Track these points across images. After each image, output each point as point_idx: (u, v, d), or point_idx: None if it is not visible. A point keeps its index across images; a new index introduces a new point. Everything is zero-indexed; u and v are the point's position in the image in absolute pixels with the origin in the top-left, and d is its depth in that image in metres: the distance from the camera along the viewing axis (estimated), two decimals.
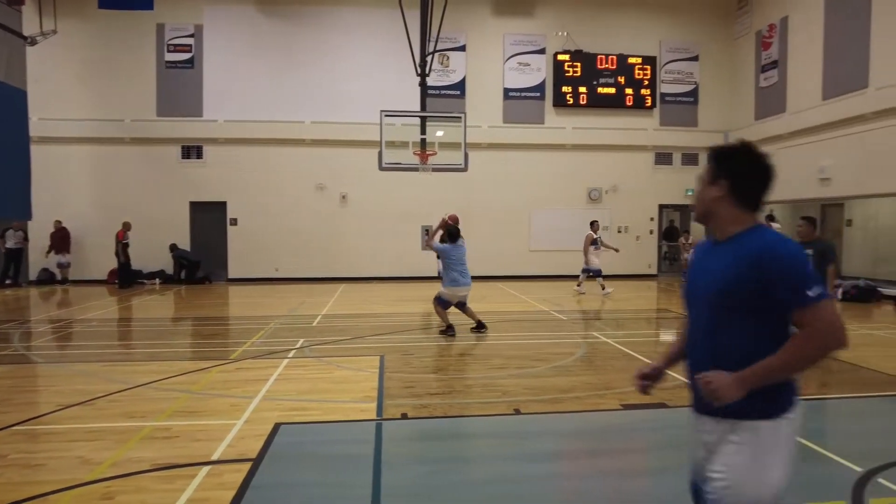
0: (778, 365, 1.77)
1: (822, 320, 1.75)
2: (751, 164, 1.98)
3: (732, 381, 1.77)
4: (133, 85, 16.57)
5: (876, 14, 13.15)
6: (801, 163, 15.33)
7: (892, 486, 3.56)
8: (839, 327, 1.77)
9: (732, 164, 2.00)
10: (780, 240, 1.88)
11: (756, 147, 2.01)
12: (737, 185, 1.97)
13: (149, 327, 9.90)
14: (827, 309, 1.76)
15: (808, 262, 1.83)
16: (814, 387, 5.88)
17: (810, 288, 1.76)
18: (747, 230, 1.94)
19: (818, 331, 1.75)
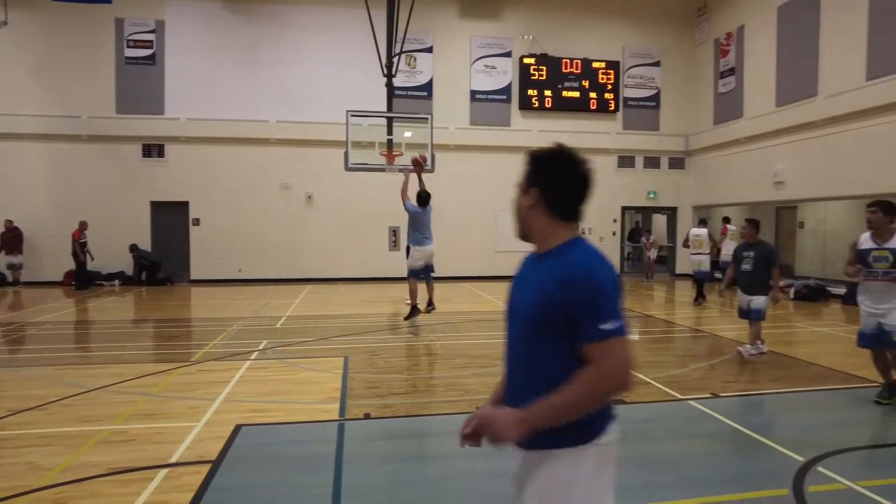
0: (559, 403, 1.58)
1: (610, 358, 1.56)
2: (563, 170, 1.76)
3: (512, 420, 1.61)
4: (90, 81, 16.11)
5: (824, 26, 13.74)
6: (757, 166, 15.90)
7: (830, 474, 3.75)
8: (625, 368, 1.58)
9: (544, 170, 1.78)
10: (590, 262, 1.66)
11: (571, 151, 1.79)
12: (549, 193, 1.75)
13: (107, 330, 9.65)
14: (618, 346, 1.57)
15: (615, 292, 1.61)
16: (764, 381, 6.12)
17: (606, 320, 1.56)
18: (565, 244, 1.73)
19: (603, 369, 1.56)
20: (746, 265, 7.14)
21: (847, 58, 13.07)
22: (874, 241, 5.14)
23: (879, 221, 5.09)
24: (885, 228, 5.10)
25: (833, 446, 4.21)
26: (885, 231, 5.10)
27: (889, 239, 5.07)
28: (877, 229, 5.13)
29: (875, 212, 5.10)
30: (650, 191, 19.14)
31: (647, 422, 4.98)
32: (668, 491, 3.56)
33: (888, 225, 5.09)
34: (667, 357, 7.43)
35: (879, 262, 5.07)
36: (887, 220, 5.08)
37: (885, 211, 5.09)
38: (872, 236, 5.16)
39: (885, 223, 5.08)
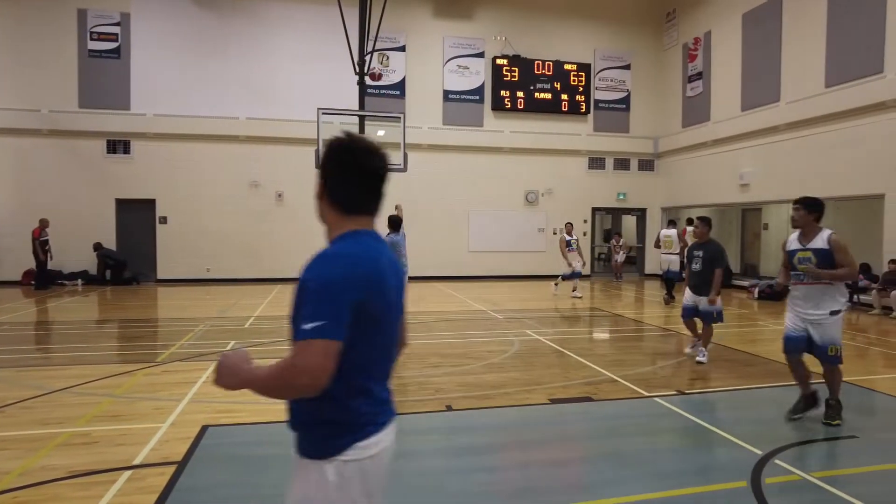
0: (257, 378, 1.52)
1: (299, 358, 1.46)
2: (344, 160, 1.67)
3: (231, 369, 1.54)
4: (51, 73, 15.64)
5: (786, 35, 14.18)
6: (724, 169, 16.31)
7: (786, 466, 3.88)
8: (309, 372, 1.46)
9: (327, 159, 1.70)
10: (325, 257, 1.58)
11: (355, 141, 1.69)
12: (330, 183, 1.68)
13: (69, 330, 9.38)
14: (310, 348, 1.46)
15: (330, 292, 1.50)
16: (728, 379, 6.29)
17: (308, 321, 1.47)
18: (339, 237, 1.67)
19: (289, 366, 1.47)
20: (696, 265, 7.02)
21: (807, 66, 13.51)
22: (799, 242, 4.75)
23: (803, 220, 4.70)
24: (810, 227, 4.70)
25: (789, 440, 4.36)
26: (810, 230, 4.71)
27: (813, 238, 4.66)
28: (801, 228, 4.75)
29: (798, 209, 4.71)
30: (620, 192, 19.45)
31: (615, 419, 5.07)
32: (632, 485, 3.64)
33: (813, 223, 4.70)
34: (635, 355, 7.57)
35: (803, 263, 4.63)
36: (811, 217, 4.68)
37: (808, 208, 4.68)
38: (799, 236, 4.78)
39: (809, 221, 4.69)
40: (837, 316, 4.64)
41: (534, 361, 7.01)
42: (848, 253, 4.52)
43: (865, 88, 12.03)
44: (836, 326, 4.64)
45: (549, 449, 4.39)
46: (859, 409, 5.54)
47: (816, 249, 4.61)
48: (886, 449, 4.30)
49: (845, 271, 4.53)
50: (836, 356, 4.67)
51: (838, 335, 4.66)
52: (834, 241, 4.56)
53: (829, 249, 4.55)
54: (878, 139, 11.78)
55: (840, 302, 4.66)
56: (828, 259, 4.55)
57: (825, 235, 4.62)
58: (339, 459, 1.58)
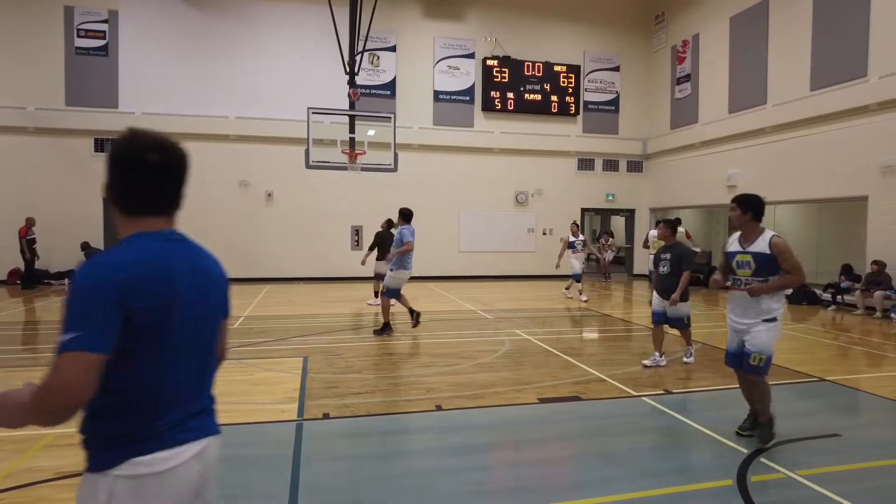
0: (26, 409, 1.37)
1: (53, 374, 1.34)
2: (117, 157, 1.53)
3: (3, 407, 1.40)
4: (38, 70, 15.46)
5: (772, 38, 14.35)
6: (711, 170, 16.46)
7: (772, 465, 3.94)
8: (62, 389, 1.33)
9: (108, 158, 1.55)
10: (85, 265, 1.44)
11: (134, 135, 1.55)
12: (110, 183, 1.55)
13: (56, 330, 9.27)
14: (63, 362, 1.34)
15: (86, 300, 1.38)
16: (715, 378, 6.36)
17: (64, 332, 1.36)
18: (118, 243, 1.53)
19: (44, 390, 1.34)
20: (663, 268, 6.77)
21: (793, 69, 13.68)
22: (739, 244, 4.34)
23: (739, 220, 4.27)
24: (750, 228, 4.27)
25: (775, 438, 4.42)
26: (749, 231, 4.28)
27: (754, 241, 4.24)
28: (740, 229, 4.34)
29: (733, 208, 4.30)
30: (609, 193, 19.57)
31: (603, 418, 5.12)
32: (620, 483, 3.68)
33: (751, 223, 4.26)
34: (623, 355, 7.63)
35: (742, 268, 4.25)
36: (747, 217, 4.24)
37: (743, 206, 4.24)
38: (739, 238, 4.38)
39: (746, 221, 4.26)
40: (771, 324, 4.17)
41: (523, 361, 7.05)
42: (792, 256, 4.12)
43: (849, 92, 12.20)
44: (768, 334, 4.17)
45: (538, 448, 4.42)
46: (843, 407, 5.63)
47: (756, 253, 4.18)
48: (869, 447, 4.37)
49: (790, 278, 4.14)
50: (758, 366, 4.17)
51: (768, 345, 4.18)
52: (776, 243, 4.14)
53: (771, 253, 4.13)
54: (862, 142, 11.96)
55: (775, 309, 4.18)
56: (769, 264, 4.14)
57: (767, 238, 4.19)
58: (111, 474, 1.45)
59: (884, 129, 11.55)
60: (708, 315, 11.40)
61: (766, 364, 4.20)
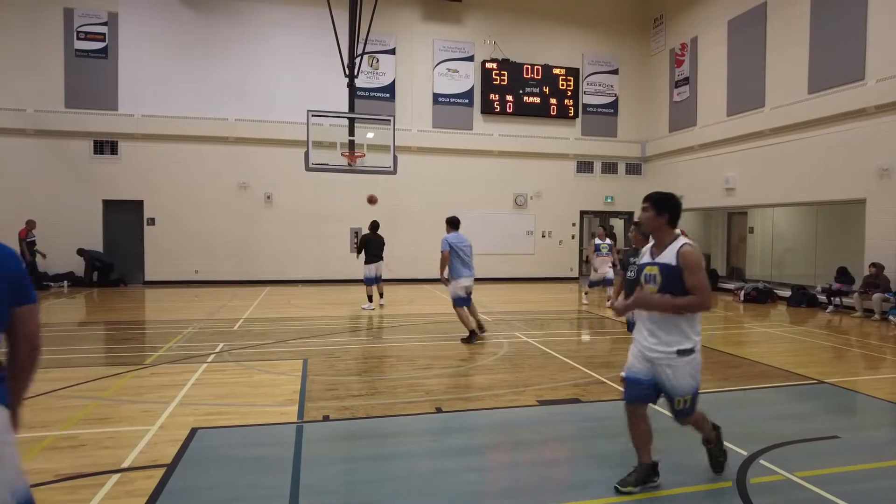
0: None
1: None
2: None
3: None
4: (37, 73, 15.47)
5: (770, 42, 14.40)
6: (710, 173, 16.50)
7: (771, 467, 3.95)
8: None
9: None
10: None
11: None
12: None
13: (54, 332, 9.27)
14: None
15: None
16: (713, 380, 6.37)
17: None
18: None
19: None
20: (632, 273, 6.54)
21: (791, 72, 13.73)
22: (651, 253, 3.55)
23: (651, 223, 3.48)
24: (663, 233, 3.47)
25: (774, 440, 4.43)
26: (662, 237, 3.48)
27: (665, 249, 3.43)
28: (652, 234, 3.54)
29: (645, 208, 3.51)
30: (608, 196, 19.61)
31: (601, 420, 5.12)
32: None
33: (665, 227, 3.46)
34: (622, 357, 7.58)
35: (649, 282, 3.45)
36: (662, 220, 3.44)
37: (657, 206, 3.45)
38: (653, 248, 3.57)
39: (660, 225, 3.46)
40: (688, 357, 3.39)
41: (522, 363, 7.06)
42: (700, 273, 3.30)
43: (847, 95, 12.24)
44: (687, 370, 3.41)
45: (537, 450, 4.43)
46: (841, 409, 5.65)
47: (664, 265, 3.37)
48: (868, 449, 4.38)
49: (690, 300, 3.28)
50: (684, 409, 3.51)
51: (691, 382, 3.44)
52: (685, 254, 3.32)
53: (678, 265, 3.31)
54: (860, 145, 12.00)
55: (691, 339, 3.40)
56: (676, 279, 3.32)
57: (677, 246, 3.37)
58: None
59: (881, 132, 11.59)
60: (705, 317, 11.42)
61: (693, 403, 3.51)
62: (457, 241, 8.52)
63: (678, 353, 3.38)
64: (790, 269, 15.15)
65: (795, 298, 13.24)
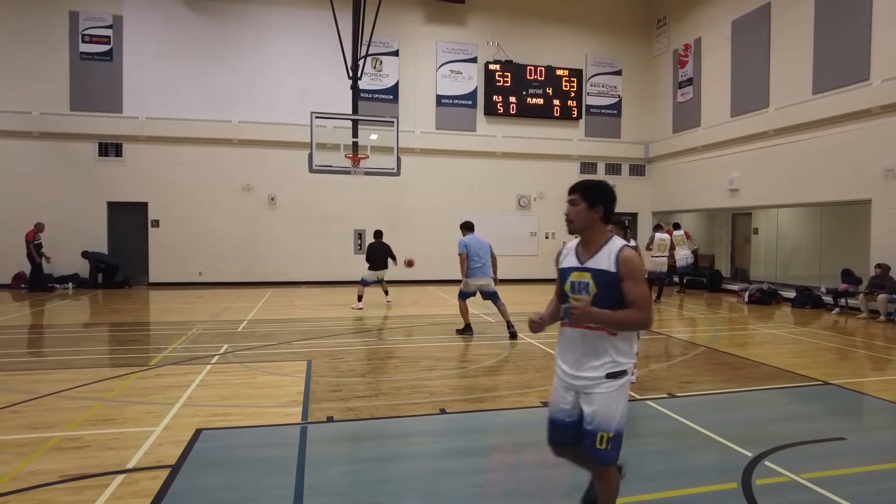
0: None
1: None
2: None
3: None
4: (42, 76, 15.56)
5: (774, 42, 14.37)
6: (713, 174, 16.46)
7: (777, 468, 3.93)
8: None
9: None
10: None
11: None
12: None
13: (60, 334, 9.32)
14: None
15: None
16: (718, 382, 6.35)
17: None
18: None
19: None
20: None
21: (795, 72, 13.69)
22: (577, 256, 2.82)
23: (581, 218, 2.76)
24: (594, 231, 2.76)
25: (780, 441, 4.41)
26: (593, 236, 2.77)
27: (597, 252, 2.74)
28: (579, 231, 2.80)
29: (573, 200, 2.79)
30: None
31: None
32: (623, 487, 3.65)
33: (597, 223, 2.75)
34: None
35: (578, 291, 2.74)
36: (594, 214, 2.74)
37: (587, 195, 2.75)
38: (577, 246, 2.86)
39: (591, 220, 2.74)
40: (619, 381, 2.71)
41: (526, 365, 7.05)
42: (641, 282, 2.68)
43: (852, 95, 12.20)
44: (615, 398, 2.71)
45: (541, 451, 4.39)
46: (847, 411, 5.62)
47: (598, 271, 2.69)
48: (874, 450, 4.36)
49: (629, 315, 2.63)
50: (606, 450, 2.71)
51: (616, 415, 2.71)
52: (627, 259, 2.66)
53: (617, 273, 2.65)
54: (865, 145, 11.95)
55: (625, 361, 2.73)
56: (613, 289, 2.66)
57: (615, 249, 2.70)
58: None
59: (886, 133, 11.54)
60: (710, 318, 11.39)
61: (616, 445, 2.73)
62: (473, 243, 8.94)
63: (608, 377, 2.70)
64: (795, 270, 15.10)
65: (800, 300, 13.18)
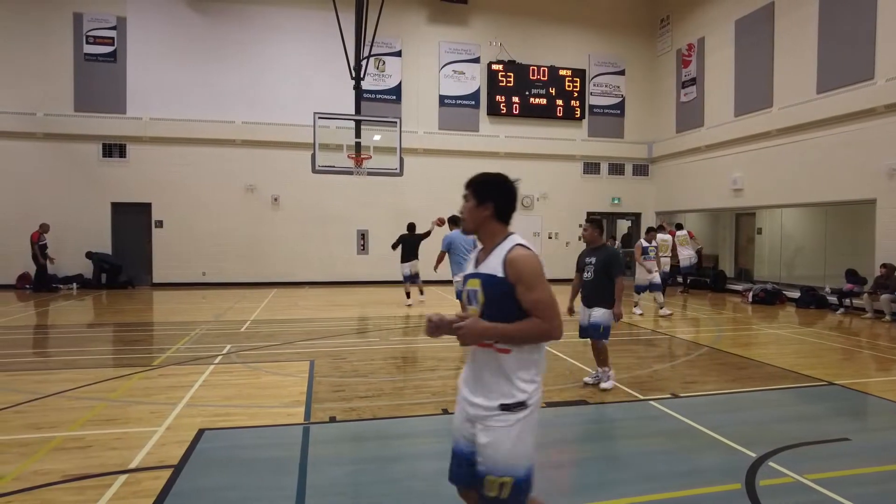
0: None
1: None
2: None
3: None
4: (47, 77, 15.61)
5: (778, 41, 14.31)
6: (717, 174, 16.42)
7: (781, 469, 3.91)
8: None
9: None
10: None
11: None
12: None
13: (63, 334, 9.35)
14: None
15: None
16: (722, 382, 6.32)
17: None
18: None
19: None
20: (588, 273, 5.98)
21: (799, 72, 13.64)
22: (476, 259, 2.43)
23: (474, 216, 2.37)
24: (486, 231, 2.36)
25: (784, 442, 4.39)
26: (486, 238, 2.38)
27: (490, 254, 2.32)
28: (473, 230, 2.40)
29: (466, 196, 2.41)
30: (614, 197, 19.54)
31: (609, 422, 5.10)
32: (626, 487, 3.66)
33: (491, 224, 2.36)
34: (628, 359, 7.60)
35: (471, 303, 2.37)
36: (484, 211, 2.35)
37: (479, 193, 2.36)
38: (479, 252, 2.45)
39: (485, 219, 2.35)
40: (517, 415, 2.23)
41: None
42: (539, 287, 2.20)
43: (856, 94, 12.14)
44: (510, 437, 2.24)
45: (544, 452, 4.38)
46: (851, 411, 5.59)
47: (487, 276, 2.26)
48: (878, 451, 4.34)
49: (529, 326, 2.18)
50: (498, 500, 2.26)
51: (511, 457, 2.24)
52: (515, 260, 2.22)
53: (505, 278, 2.21)
54: (869, 145, 11.89)
55: (524, 388, 2.25)
56: (504, 297, 2.22)
57: (505, 249, 2.28)
58: None
59: (891, 132, 11.48)
60: (713, 319, 11.35)
61: (515, 496, 2.26)
62: (457, 238, 8.67)
63: (502, 408, 2.23)
64: (799, 270, 15.03)
65: (804, 300, 13.13)
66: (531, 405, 2.28)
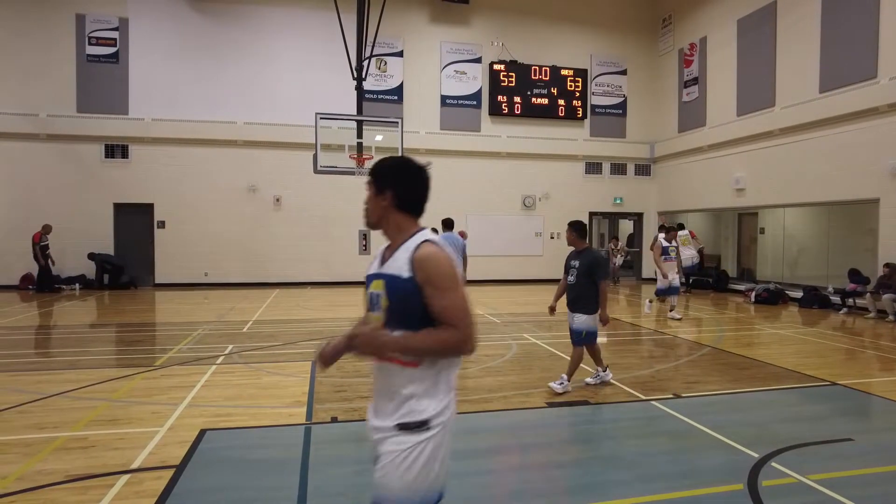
0: None
1: None
2: None
3: None
4: (49, 78, 15.65)
5: (780, 41, 14.28)
6: (719, 174, 16.39)
7: (783, 469, 3.90)
8: None
9: None
10: None
11: None
12: None
13: (66, 334, 9.36)
14: None
15: None
16: (724, 382, 6.31)
17: None
18: None
19: None
20: (571, 277, 5.89)
21: (801, 71, 13.61)
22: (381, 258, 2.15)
23: (372, 208, 2.13)
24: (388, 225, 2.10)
25: (786, 442, 4.38)
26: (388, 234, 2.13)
27: (395, 251, 2.04)
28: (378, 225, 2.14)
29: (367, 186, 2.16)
30: (617, 197, 19.52)
31: (611, 422, 5.09)
32: (628, 487, 3.65)
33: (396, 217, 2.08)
34: (631, 359, 7.59)
35: (374, 308, 2.08)
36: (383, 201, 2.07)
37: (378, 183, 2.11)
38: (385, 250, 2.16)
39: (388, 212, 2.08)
40: (415, 438, 1.94)
41: (531, 365, 7.03)
42: (451, 290, 1.89)
43: (859, 93, 12.11)
44: (405, 462, 1.94)
45: (546, 452, 4.40)
46: (854, 411, 5.57)
47: (391, 277, 1.96)
48: (882, 451, 4.32)
49: (426, 339, 1.88)
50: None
51: (404, 487, 1.96)
52: (423, 259, 1.92)
53: (411, 278, 1.91)
54: (872, 144, 11.86)
55: (428, 406, 1.97)
56: (407, 301, 1.92)
57: (412, 245, 1.97)
58: None
59: (894, 131, 11.45)
60: (716, 319, 11.32)
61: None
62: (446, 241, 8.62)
63: (399, 428, 1.94)
64: (802, 270, 14.99)
65: (807, 299, 13.10)
66: (436, 426, 1.93)
